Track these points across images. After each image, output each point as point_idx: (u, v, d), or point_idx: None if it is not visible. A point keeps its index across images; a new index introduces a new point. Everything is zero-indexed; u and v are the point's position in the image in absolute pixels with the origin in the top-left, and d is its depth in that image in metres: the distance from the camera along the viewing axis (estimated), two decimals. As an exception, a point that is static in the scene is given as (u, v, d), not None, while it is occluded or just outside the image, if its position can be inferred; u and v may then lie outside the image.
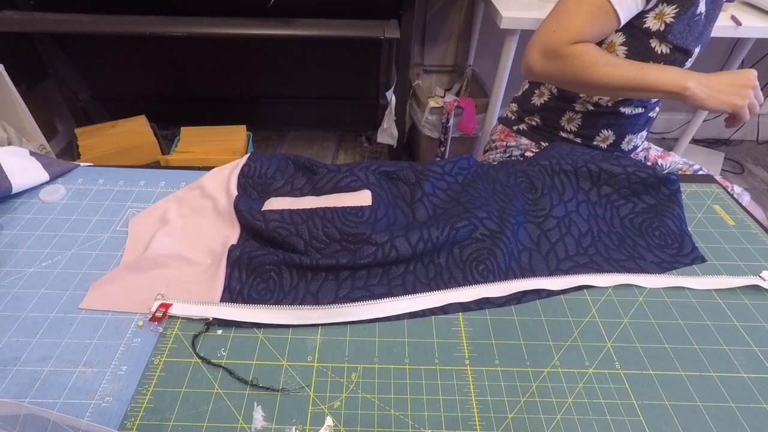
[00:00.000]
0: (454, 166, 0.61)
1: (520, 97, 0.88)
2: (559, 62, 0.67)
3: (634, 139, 0.81)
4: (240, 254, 0.48)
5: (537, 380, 0.40)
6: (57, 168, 0.62)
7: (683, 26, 0.66)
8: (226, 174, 0.60)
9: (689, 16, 0.65)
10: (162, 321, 0.43)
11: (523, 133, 0.86)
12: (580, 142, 0.82)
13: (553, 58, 0.66)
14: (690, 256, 0.53)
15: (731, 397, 0.40)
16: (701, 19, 0.67)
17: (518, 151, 0.87)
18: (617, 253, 0.53)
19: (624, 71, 0.65)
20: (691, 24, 0.66)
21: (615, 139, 0.80)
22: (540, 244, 0.53)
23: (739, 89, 0.62)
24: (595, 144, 0.81)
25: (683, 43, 0.67)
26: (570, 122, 0.81)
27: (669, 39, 0.66)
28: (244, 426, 0.37)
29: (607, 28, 0.66)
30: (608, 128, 0.79)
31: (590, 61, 0.65)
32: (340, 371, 0.41)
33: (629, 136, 0.80)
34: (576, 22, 0.65)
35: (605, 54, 0.67)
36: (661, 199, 0.58)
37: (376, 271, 0.49)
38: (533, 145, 0.85)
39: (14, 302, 0.46)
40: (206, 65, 1.73)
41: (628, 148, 0.82)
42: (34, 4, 1.42)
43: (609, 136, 0.80)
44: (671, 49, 0.67)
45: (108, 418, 0.37)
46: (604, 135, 0.80)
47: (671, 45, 0.67)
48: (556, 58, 0.66)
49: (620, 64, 0.66)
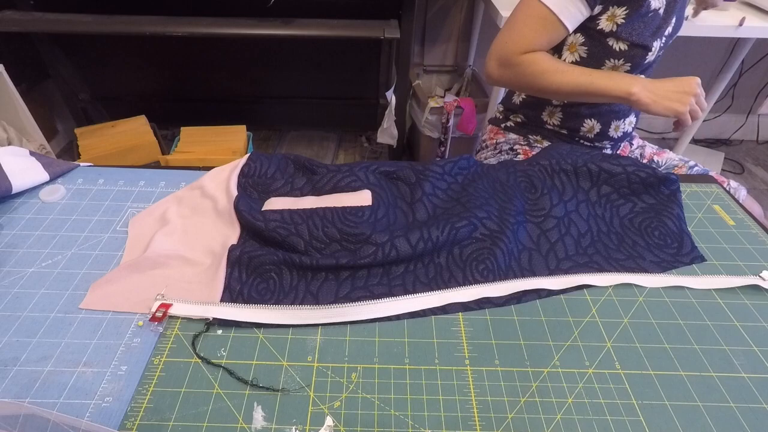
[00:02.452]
0: (454, 166, 0.61)
1: (504, 98, 0.92)
2: (513, 70, 0.72)
3: (622, 125, 0.81)
4: (240, 254, 0.48)
5: (537, 380, 0.40)
6: (57, 168, 0.62)
7: (638, 24, 0.68)
8: (226, 174, 0.60)
9: (642, 14, 0.67)
10: (162, 321, 0.43)
11: (511, 129, 0.89)
12: (566, 134, 0.82)
13: (507, 66, 0.72)
14: (689, 255, 0.53)
15: (731, 397, 0.40)
16: (658, 14, 0.68)
17: (507, 145, 0.88)
18: (617, 252, 0.53)
19: (572, 78, 0.69)
20: (646, 21, 0.68)
21: (601, 128, 0.80)
22: (540, 244, 0.53)
23: (681, 96, 0.65)
24: (582, 134, 0.81)
25: (639, 39, 0.68)
26: (551, 116, 0.82)
27: (624, 37, 0.68)
28: (244, 426, 0.37)
29: (556, 36, 0.70)
30: (591, 117, 0.79)
31: (540, 69, 0.70)
32: (340, 371, 0.41)
33: (615, 122, 0.80)
34: (525, 33, 0.69)
35: (555, 62, 0.70)
36: (660, 198, 0.58)
37: (377, 271, 0.49)
38: (521, 139, 0.87)
39: (14, 302, 0.46)
40: (206, 65, 1.73)
41: (618, 135, 0.82)
42: (34, 4, 1.43)
43: (594, 126, 0.80)
44: (629, 45, 0.69)
45: (108, 418, 0.37)
46: (588, 125, 0.80)
47: (628, 42, 0.69)
48: (509, 66, 0.71)
49: (569, 71, 0.69)
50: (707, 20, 1.24)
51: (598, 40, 0.70)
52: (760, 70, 1.81)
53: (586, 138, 0.82)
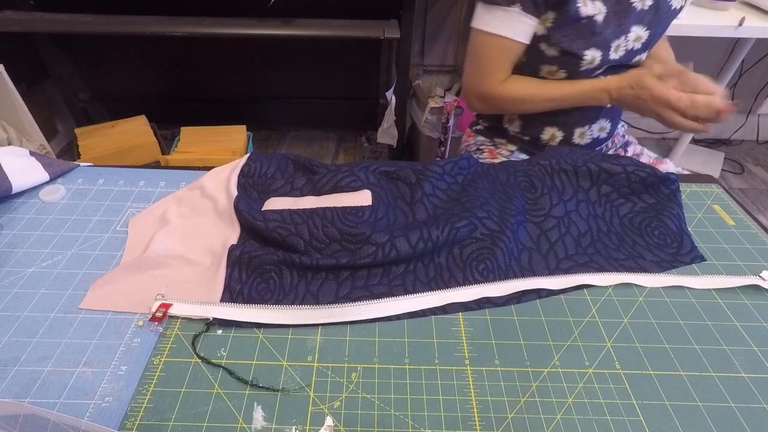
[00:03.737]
0: (454, 165, 0.61)
1: None
2: (495, 103, 0.74)
3: (588, 132, 0.78)
4: (240, 254, 0.48)
5: (537, 380, 0.40)
6: (57, 168, 0.62)
7: (568, 30, 0.66)
8: (226, 174, 0.60)
9: (571, 20, 0.65)
10: (162, 321, 0.43)
11: (480, 132, 0.89)
12: (528, 140, 0.81)
13: (488, 100, 0.74)
14: (689, 255, 0.53)
15: (731, 397, 0.40)
16: (594, 21, 0.66)
17: (475, 146, 0.88)
18: (617, 252, 0.53)
19: (549, 98, 0.71)
20: (577, 27, 0.66)
21: (564, 136, 0.78)
22: (540, 244, 0.53)
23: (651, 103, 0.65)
24: (544, 142, 0.80)
25: (569, 47, 0.67)
26: (511, 123, 0.82)
27: (554, 42, 0.68)
28: (244, 426, 0.37)
29: (519, 52, 0.71)
30: (550, 125, 0.78)
31: (520, 98, 0.72)
32: (340, 371, 0.41)
33: (578, 129, 0.78)
34: (493, 66, 0.72)
35: (530, 84, 0.72)
36: (660, 198, 0.58)
37: (377, 271, 0.49)
38: (488, 141, 0.87)
39: (14, 302, 0.46)
40: (206, 65, 1.73)
41: (585, 142, 0.79)
42: (34, 4, 1.43)
43: (555, 134, 0.78)
44: (559, 51, 0.68)
45: (108, 418, 0.37)
46: (549, 132, 0.79)
47: (558, 48, 0.68)
48: (490, 100, 0.74)
49: (545, 92, 0.71)
50: (707, 20, 1.24)
51: (533, 44, 0.70)
52: (760, 70, 1.81)
53: (550, 147, 0.80)
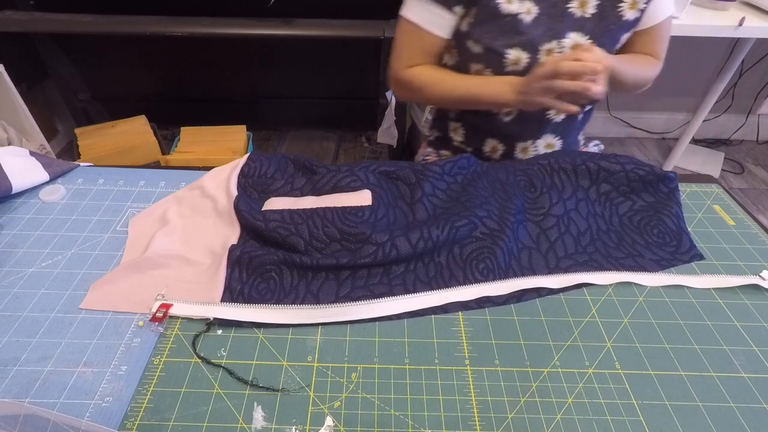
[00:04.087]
0: (454, 165, 0.61)
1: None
2: (404, 87, 0.74)
3: (532, 147, 0.74)
4: (240, 254, 0.48)
5: (537, 380, 0.40)
6: (57, 168, 0.62)
7: (489, 27, 0.64)
8: (226, 174, 0.60)
9: (492, 16, 0.63)
10: (163, 321, 0.43)
11: (430, 143, 0.88)
12: (472, 152, 0.77)
13: (400, 85, 0.74)
14: (688, 253, 0.53)
15: (731, 397, 0.40)
16: (518, 20, 0.63)
17: (422, 157, 0.87)
18: (616, 251, 0.53)
19: (452, 87, 0.69)
20: (499, 24, 0.64)
21: (505, 150, 0.76)
22: (539, 243, 0.53)
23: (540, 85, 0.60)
24: (487, 154, 0.77)
25: (491, 44, 0.65)
26: (456, 132, 0.80)
27: (476, 38, 0.66)
28: (244, 426, 0.37)
29: (430, 44, 0.70)
30: (492, 136, 0.75)
31: (424, 82, 0.71)
32: (340, 371, 0.41)
33: (520, 143, 0.74)
34: (403, 51, 0.71)
35: (437, 72, 0.71)
36: (659, 197, 0.58)
37: (377, 271, 0.49)
38: (434, 153, 0.86)
39: (14, 302, 0.46)
40: (206, 65, 1.73)
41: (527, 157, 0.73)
42: (34, 4, 1.43)
43: (497, 146, 0.76)
44: (483, 49, 0.66)
45: (108, 418, 0.37)
46: (491, 145, 0.76)
47: (481, 45, 0.66)
48: (401, 85, 0.74)
49: (449, 80, 0.70)
50: (707, 20, 1.24)
51: (461, 41, 0.68)
52: (760, 70, 1.81)
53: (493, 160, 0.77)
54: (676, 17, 1.23)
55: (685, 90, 1.93)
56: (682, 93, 1.94)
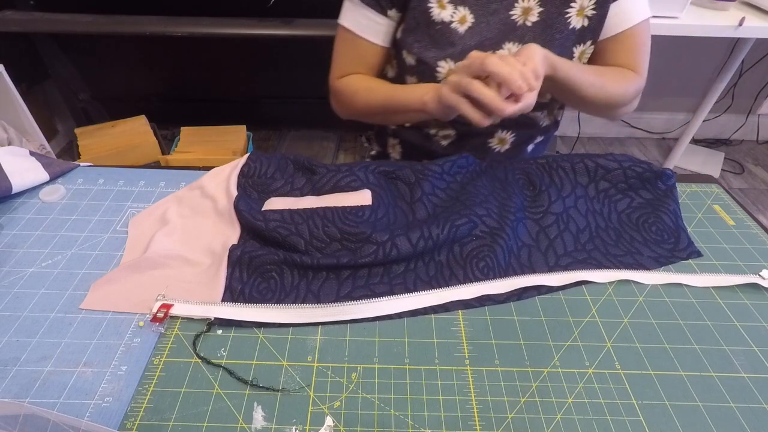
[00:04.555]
0: (453, 164, 0.61)
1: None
2: (337, 98, 0.69)
3: None
4: (241, 254, 0.48)
5: (537, 380, 0.40)
6: (57, 168, 0.62)
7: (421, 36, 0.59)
8: (226, 174, 0.60)
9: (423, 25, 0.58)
10: (163, 321, 0.43)
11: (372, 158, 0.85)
12: None
13: (333, 95, 0.70)
14: (686, 251, 0.53)
15: (731, 397, 0.40)
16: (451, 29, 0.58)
17: None
18: (615, 248, 0.53)
19: (377, 95, 0.63)
20: (432, 34, 0.58)
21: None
22: (539, 241, 0.53)
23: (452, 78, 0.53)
24: None
25: (421, 54, 0.60)
26: (394, 149, 0.78)
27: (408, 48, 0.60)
28: (244, 426, 0.37)
29: (364, 52, 0.65)
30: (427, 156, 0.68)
31: (352, 90, 0.66)
32: (340, 371, 0.41)
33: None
34: (337, 59, 0.67)
35: (365, 81, 0.66)
36: (657, 194, 0.58)
37: (377, 270, 0.49)
38: None
39: (14, 302, 0.46)
40: (206, 65, 1.73)
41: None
42: (34, 4, 1.43)
43: None
44: (416, 60, 0.61)
45: (108, 418, 0.37)
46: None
47: (413, 56, 0.61)
48: (334, 95, 0.69)
49: (376, 88, 0.64)
50: (707, 20, 1.24)
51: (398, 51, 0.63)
52: (760, 70, 1.81)
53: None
54: (674, 17, 1.22)
55: (685, 90, 1.93)
56: (682, 93, 1.94)
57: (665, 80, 1.87)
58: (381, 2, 0.60)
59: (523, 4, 0.59)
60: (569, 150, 2.03)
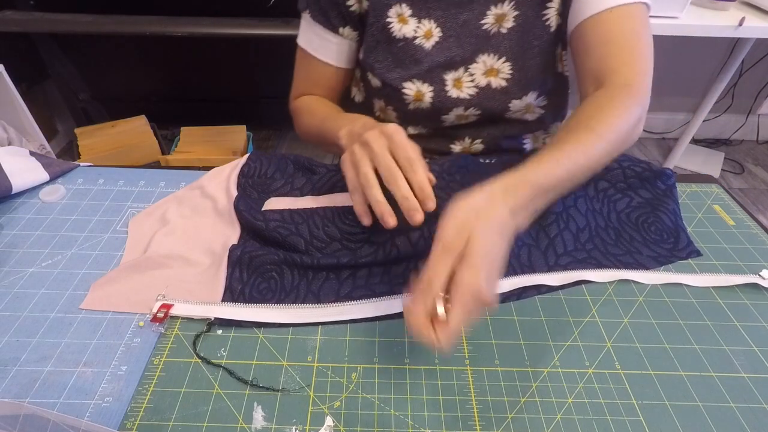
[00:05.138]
0: (453, 164, 0.60)
1: None
2: (293, 118, 0.64)
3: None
4: (241, 254, 0.48)
5: (537, 380, 0.40)
6: (57, 168, 0.62)
7: (383, 55, 0.53)
8: (226, 174, 0.60)
9: (385, 42, 0.53)
10: (164, 321, 0.43)
11: None
12: None
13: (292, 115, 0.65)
14: (686, 250, 0.53)
15: (731, 397, 0.40)
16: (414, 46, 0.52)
17: None
18: (614, 247, 0.53)
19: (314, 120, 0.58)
20: (395, 52, 0.52)
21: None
22: (539, 240, 0.53)
23: (351, 143, 0.45)
24: None
25: (383, 74, 0.54)
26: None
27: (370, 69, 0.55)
28: (244, 426, 0.37)
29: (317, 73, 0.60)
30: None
31: (299, 112, 0.62)
32: (340, 371, 0.41)
33: None
34: (294, 78, 0.64)
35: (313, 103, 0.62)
36: (656, 194, 0.58)
37: (377, 270, 0.49)
38: None
39: (14, 302, 0.46)
40: (206, 65, 1.73)
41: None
42: (34, 4, 1.43)
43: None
44: (381, 82, 0.55)
45: (108, 418, 0.37)
46: None
47: (378, 77, 0.55)
48: (292, 116, 0.65)
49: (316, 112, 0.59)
50: (707, 20, 1.24)
51: (363, 72, 0.58)
52: (760, 70, 1.81)
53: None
54: (674, 17, 1.22)
55: (685, 90, 1.93)
56: (682, 93, 1.94)
57: (665, 80, 1.87)
58: (332, 20, 0.55)
59: (496, 11, 0.53)
60: (569, 150, 2.02)
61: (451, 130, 0.61)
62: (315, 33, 0.57)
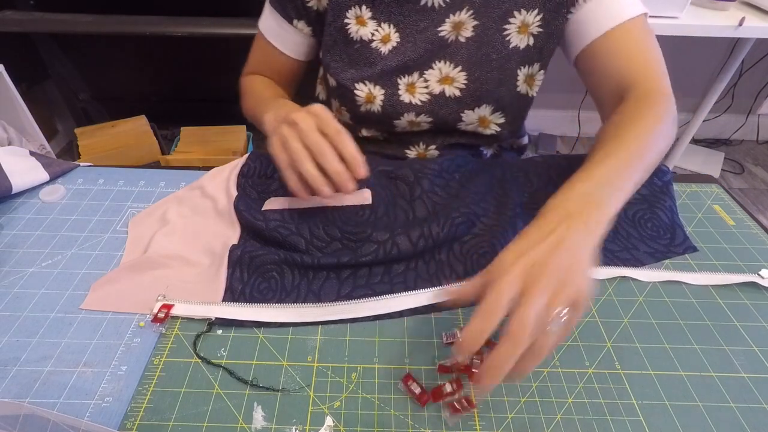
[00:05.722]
0: (452, 163, 0.61)
1: None
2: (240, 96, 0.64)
3: None
4: (241, 254, 0.48)
5: (537, 380, 0.40)
6: (57, 168, 0.62)
7: (339, 55, 0.53)
8: (226, 174, 0.60)
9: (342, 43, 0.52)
10: (164, 322, 0.43)
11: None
12: None
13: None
14: (682, 246, 0.53)
15: (731, 397, 0.40)
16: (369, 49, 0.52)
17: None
18: (612, 244, 0.53)
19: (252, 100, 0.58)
20: (351, 53, 0.52)
21: None
22: None
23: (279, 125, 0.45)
24: None
25: (338, 74, 0.53)
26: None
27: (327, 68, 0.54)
28: (244, 426, 0.37)
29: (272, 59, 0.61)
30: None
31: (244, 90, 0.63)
32: (340, 371, 0.41)
33: None
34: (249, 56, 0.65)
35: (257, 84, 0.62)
36: (653, 190, 0.59)
37: (378, 270, 0.49)
38: None
39: (14, 302, 0.46)
40: (206, 65, 1.73)
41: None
42: (34, 4, 1.43)
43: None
44: (336, 82, 0.54)
45: (108, 418, 0.37)
46: None
47: (333, 77, 0.54)
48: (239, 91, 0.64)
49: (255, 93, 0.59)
50: (707, 20, 1.24)
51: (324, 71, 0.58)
52: (760, 70, 1.81)
53: None
54: (674, 17, 1.22)
55: (685, 90, 1.93)
56: (682, 93, 1.93)
57: (665, 80, 1.86)
58: (288, 11, 0.55)
59: (454, 18, 0.52)
60: (569, 150, 2.03)
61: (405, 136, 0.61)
62: (274, 20, 0.58)
